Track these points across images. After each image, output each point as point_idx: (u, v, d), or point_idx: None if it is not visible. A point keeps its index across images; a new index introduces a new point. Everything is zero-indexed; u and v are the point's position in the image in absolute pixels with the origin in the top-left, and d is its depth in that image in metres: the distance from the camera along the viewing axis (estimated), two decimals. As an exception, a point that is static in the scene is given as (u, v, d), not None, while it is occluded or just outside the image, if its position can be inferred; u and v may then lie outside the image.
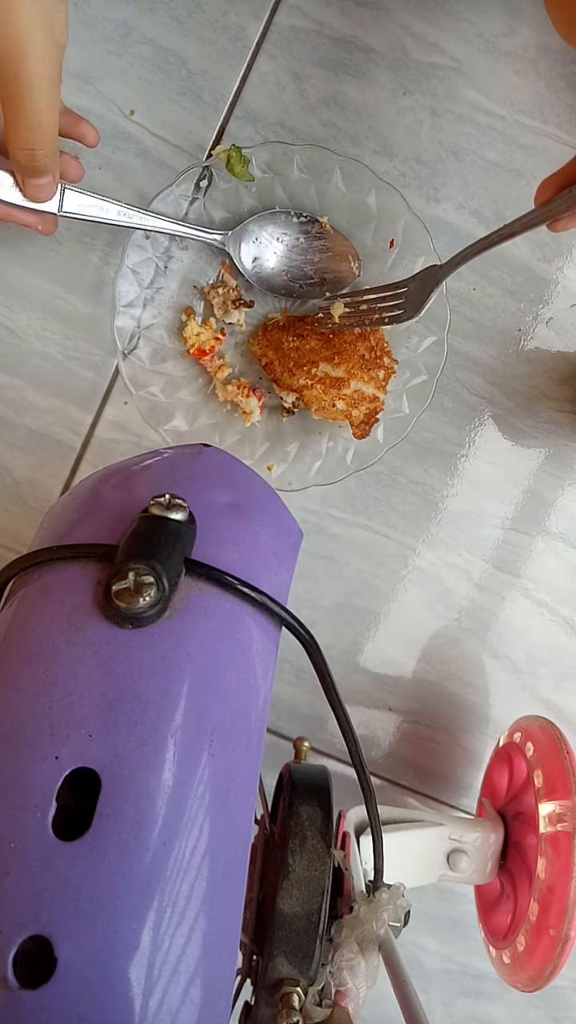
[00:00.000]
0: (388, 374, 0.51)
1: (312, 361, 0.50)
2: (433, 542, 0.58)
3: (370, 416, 0.51)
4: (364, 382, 0.50)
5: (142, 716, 0.25)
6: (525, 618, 0.58)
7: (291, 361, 0.51)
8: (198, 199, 0.52)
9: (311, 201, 0.52)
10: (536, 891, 0.45)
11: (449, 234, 0.54)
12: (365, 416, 0.51)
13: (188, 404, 0.54)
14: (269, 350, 0.52)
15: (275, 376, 0.51)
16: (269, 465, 0.54)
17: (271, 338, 0.52)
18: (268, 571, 0.31)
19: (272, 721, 0.59)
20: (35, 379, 0.56)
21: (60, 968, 0.22)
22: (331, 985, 0.34)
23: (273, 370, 0.51)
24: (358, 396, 0.50)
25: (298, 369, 0.50)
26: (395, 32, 0.52)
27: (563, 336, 0.55)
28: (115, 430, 0.57)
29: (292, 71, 0.53)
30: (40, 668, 0.26)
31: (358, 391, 0.50)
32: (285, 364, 0.51)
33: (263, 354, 0.52)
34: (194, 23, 0.52)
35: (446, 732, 0.60)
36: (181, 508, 0.29)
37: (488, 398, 0.56)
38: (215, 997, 0.24)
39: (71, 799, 0.25)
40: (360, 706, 0.59)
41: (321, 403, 0.50)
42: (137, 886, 0.23)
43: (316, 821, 0.37)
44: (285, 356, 0.51)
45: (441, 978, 0.62)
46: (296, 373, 0.50)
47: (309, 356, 0.50)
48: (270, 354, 0.51)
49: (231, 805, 0.26)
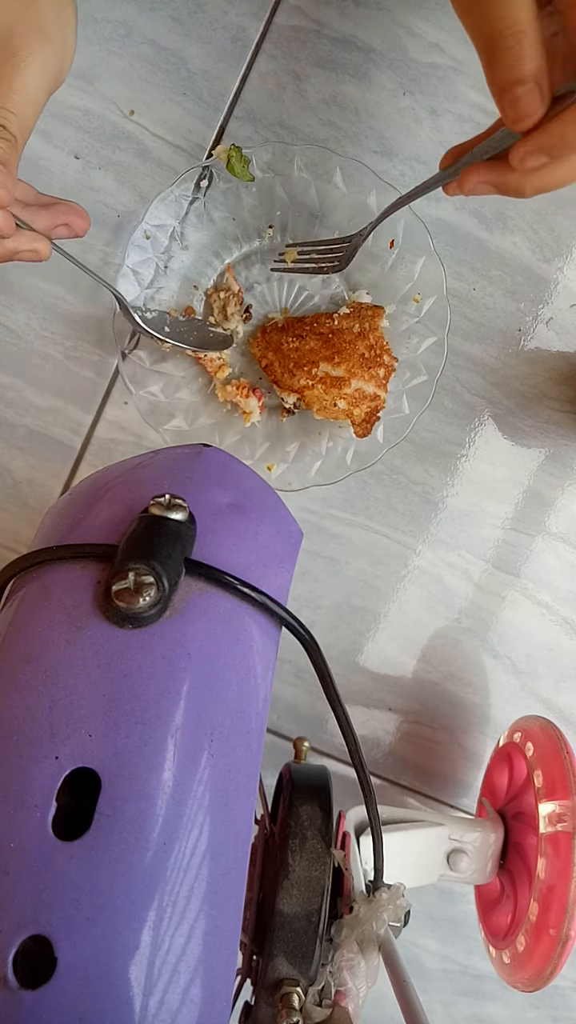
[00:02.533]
0: (388, 372, 0.51)
1: (312, 361, 0.50)
2: (433, 542, 0.58)
3: (371, 414, 0.51)
4: (365, 381, 0.50)
5: (142, 716, 0.25)
6: (525, 618, 0.58)
7: (291, 362, 0.51)
8: (198, 199, 0.52)
9: (311, 201, 0.52)
10: (536, 891, 0.45)
11: (449, 234, 0.54)
12: (366, 415, 0.51)
13: (188, 404, 0.54)
14: (269, 351, 0.52)
15: (276, 377, 0.51)
16: (269, 465, 0.54)
17: (270, 340, 0.52)
18: (268, 571, 0.31)
19: (272, 721, 0.59)
20: (35, 379, 0.56)
21: (60, 968, 0.22)
22: (331, 985, 0.34)
23: (273, 371, 0.51)
24: (359, 395, 0.50)
25: (298, 370, 0.50)
26: (395, 32, 0.52)
27: (563, 336, 0.55)
28: (115, 430, 0.57)
29: (292, 71, 0.53)
30: (40, 668, 0.26)
31: (359, 390, 0.50)
32: (285, 365, 0.51)
33: (263, 356, 0.52)
34: (194, 23, 0.52)
35: (446, 732, 0.60)
36: (181, 508, 0.29)
37: (488, 398, 0.56)
38: (215, 997, 0.24)
39: (71, 799, 0.25)
40: (360, 706, 0.59)
41: (322, 403, 0.50)
42: (137, 886, 0.23)
43: (316, 821, 0.37)
44: (285, 357, 0.51)
45: (441, 978, 0.62)
46: (296, 374, 0.50)
47: (309, 356, 0.50)
48: (270, 355, 0.52)
49: (231, 805, 0.26)
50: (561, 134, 0.30)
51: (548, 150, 0.31)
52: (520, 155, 0.32)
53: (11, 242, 0.38)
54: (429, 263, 0.51)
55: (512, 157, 0.32)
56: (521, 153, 0.32)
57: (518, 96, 0.30)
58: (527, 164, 0.32)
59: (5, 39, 0.35)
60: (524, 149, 0.31)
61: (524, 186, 0.33)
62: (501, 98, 0.31)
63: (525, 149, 0.31)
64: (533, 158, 0.32)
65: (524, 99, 0.30)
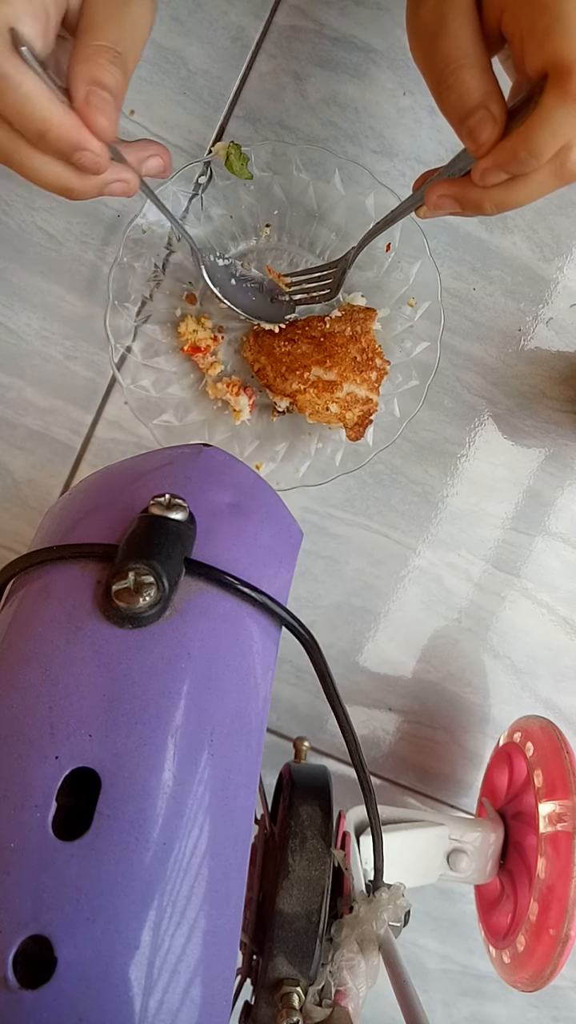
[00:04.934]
0: (380, 375, 0.51)
1: (304, 365, 0.50)
2: (433, 542, 0.58)
3: (364, 418, 0.51)
4: (356, 384, 0.50)
5: (142, 716, 0.25)
6: (525, 618, 0.58)
7: (283, 366, 0.51)
8: (197, 195, 0.52)
9: (309, 201, 0.52)
10: (536, 891, 0.45)
11: (449, 233, 0.54)
12: (359, 418, 0.51)
13: (179, 400, 0.54)
14: (261, 355, 0.52)
15: (268, 381, 0.51)
16: (258, 464, 0.54)
17: (262, 343, 0.52)
18: (268, 571, 0.31)
19: (272, 721, 0.59)
20: (35, 379, 0.56)
21: (60, 968, 0.22)
22: (331, 985, 0.34)
23: (266, 375, 0.51)
24: (351, 399, 0.50)
25: (290, 374, 0.50)
26: (395, 32, 0.52)
27: (563, 336, 0.55)
28: (115, 430, 0.57)
29: (292, 71, 0.53)
30: (40, 668, 0.26)
31: (351, 393, 0.50)
32: (277, 369, 0.51)
33: (255, 360, 0.52)
34: (194, 23, 0.52)
35: (446, 732, 0.60)
36: (181, 508, 0.29)
37: (488, 398, 0.56)
38: (215, 997, 0.24)
39: (71, 799, 0.25)
40: (360, 706, 0.59)
41: (314, 407, 0.50)
42: (137, 886, 0.23)
43: (316, 821, 0.37)
44: (277, 361, 0.51)
45: (441, 978, 0.62)
46: (289, 378, 0.50)
47: (301, 360, 0.50)
48: (262, 360, 0.51)
49: (231, 805, 0.26)
50: (512, 150, 0.31)
51: (503, 166, 0.32)
52: (480, 172, 0.33)
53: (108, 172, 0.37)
54: (425, 267, 0.51)
55: (474, 174, 0.34)
56: (480, 170, 0.33)
57: (472, 126, 0.32)
58: (487, 181, 0.33)
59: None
60: (483, 166, 0.33)
61: (484, 202, 0.35)
62: (459, 129, 0.33)
63: (484, 166, 0.33)
64: (492, 174, 0.33)
65: (477, 127, 0.31)
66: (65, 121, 0.33)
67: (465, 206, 0.36)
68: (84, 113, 0.33)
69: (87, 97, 0.33)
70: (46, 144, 0.33)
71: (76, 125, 0.33)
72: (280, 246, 0.54)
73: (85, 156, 0.34)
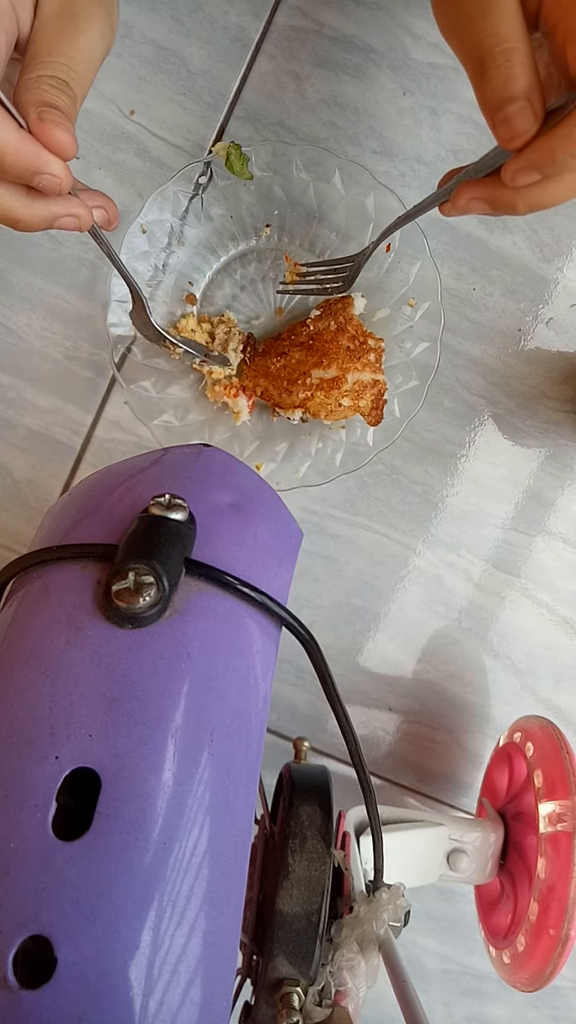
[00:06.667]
0: (379, 354, 0.51)
1: (303, 372, 0.50)
2: (433, 542, 0.58)
3: (377, 400, 0.51)
4: (359, 371, 0.50)
5: (142, 716, 0.25)
6: (525, 618, 0.58)
7: (283, 380, 0.51)
8: (197, 195, 0.52)
9: (309, 201, 0.52)
10: (536, 891, 0.45)
11: (449, 233, 0.54)
12: (373, 402, 0.51)
13: (179, 400, 0.54)
14: (260, 379, 0.52)
15: (275, 400, 0.51)
16: (258, 464, 0.54)
17: (257, 367, 0.52)
18: (268, 571, 0.31)
19: (272, 721, 0.59)
20: (35, 379, 0.56)
21: (60, 968, 0.22)
22: (331, 985, 0.34)
23: (271, 396, 0.51)
24: (359, 386, 0.50)
25: (293, 385, 0.50)
26: (395, 32, 0.52)
27: (563, 336, 0.55)
28: (115, 430, 0.57)
29: (292, 71, 0.53)
30: (40, 668, 0.26)
31: (357, 381, 0.50)
32: (279, 385, 0.51)
33: (255, 385, 0.52)
34: (194, 23, 0.52)
35: (446, 732, 0.60)
36: (181, 508, 0.29)
37: (488, 398, 0.56)
38: (215, 997, 0.24)
39: (71, 799, 0.25)
40: (360, 706, 0.59)
41: (327, 408, 0.50)
42: (137, 886, 0.23)
43: (316, 821, 0.37)
44: (276, 378, 0.51)
45: (441, 978, 0.62)
46: (292, 390, 0.50)
47: (298, 369, 0.50)
48: (262, 382, 0.52)
49: (231, 805, 0.26)
50: (550, 150, 0.30)
51: (539, 167, 0.31)
52: (511, 172, 0.31)
53: (57, 205, 0.36)
54: (425, 267, 0.51)
55: (504, 174, 0.32)
56: (512, 170, 0.31)
57: (510, 115, 0.30)
58: (519, 181, 0.31)
59: (68, 1, 0.35)
60: (515, 166, 0.31)
61: (517, 202, 0.33)
62: (492, 117, 0.30)
63: (516, 166, 0.31)
64: (524, 175, 0.31)
65: (516, 117, 0.30)
66: (22, 146, 0.32)
67: (496, 207, 0.34)
68: (40, 131, 0.32)
69: (40, 115, 0.32)
70: (3, 171, 0.32)
71: (34, 150, 0.32)
72: (280, 246, 0.54)
73: (45, 179, 0.33)
